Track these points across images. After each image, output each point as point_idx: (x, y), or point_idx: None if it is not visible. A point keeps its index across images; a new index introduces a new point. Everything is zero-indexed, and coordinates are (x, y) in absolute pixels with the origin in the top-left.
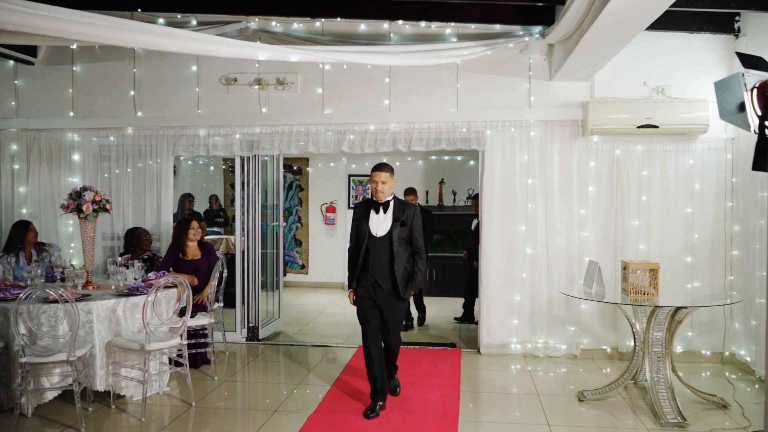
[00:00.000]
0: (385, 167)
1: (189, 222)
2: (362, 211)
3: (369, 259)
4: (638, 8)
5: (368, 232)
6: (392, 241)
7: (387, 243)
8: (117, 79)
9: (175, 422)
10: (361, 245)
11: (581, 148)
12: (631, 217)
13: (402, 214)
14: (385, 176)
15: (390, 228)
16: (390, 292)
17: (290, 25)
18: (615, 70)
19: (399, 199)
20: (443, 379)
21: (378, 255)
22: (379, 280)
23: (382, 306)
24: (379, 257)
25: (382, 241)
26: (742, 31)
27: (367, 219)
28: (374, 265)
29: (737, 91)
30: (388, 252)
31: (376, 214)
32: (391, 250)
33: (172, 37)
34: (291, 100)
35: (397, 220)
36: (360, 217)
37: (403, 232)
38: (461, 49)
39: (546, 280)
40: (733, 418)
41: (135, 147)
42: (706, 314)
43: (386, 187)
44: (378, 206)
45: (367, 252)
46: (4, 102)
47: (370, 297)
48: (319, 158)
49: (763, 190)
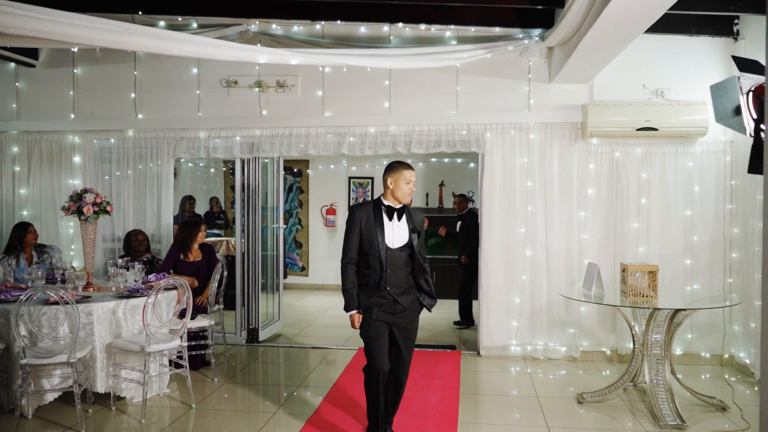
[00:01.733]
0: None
1: (198, 225)
2: (369, 216)
3: (385, 275)
4: (637, 11)
5: (384, 243)
6: (411, 253)
7: (406, 254)
8: (118, 82)
9: (175, 424)
10: (374, 258)
11: (581, 150)
12: (630, 219)
13: (413, 220)
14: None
15: (408, 238)
16: (410, 306)
17: (291, 27)
18: (614, 72)
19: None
20: (443, 381)
21: (397, 269)
22: (398, 298)
23: (399, 330)
24: (398, 272)
25: (398, 253)
26: (741, 34)
27: (381, 228)
28: (393, 281)
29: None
30: (409, 265)
31: (390, 221)
32: (409, 263)
33: (172, 40)
34: (291, 103)
35: (410, 224)
36: (367, 223)
37: (415, 241)
38: (461, 52)
39: (546, 282)
40: (732, 420)
41: (136, 149)
42: (705, 317)
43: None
44: (393, 212)
45: (383, 267)
46: (5, 104)
47: (386, 321)
48: (319, 160)
49: (761, 193)
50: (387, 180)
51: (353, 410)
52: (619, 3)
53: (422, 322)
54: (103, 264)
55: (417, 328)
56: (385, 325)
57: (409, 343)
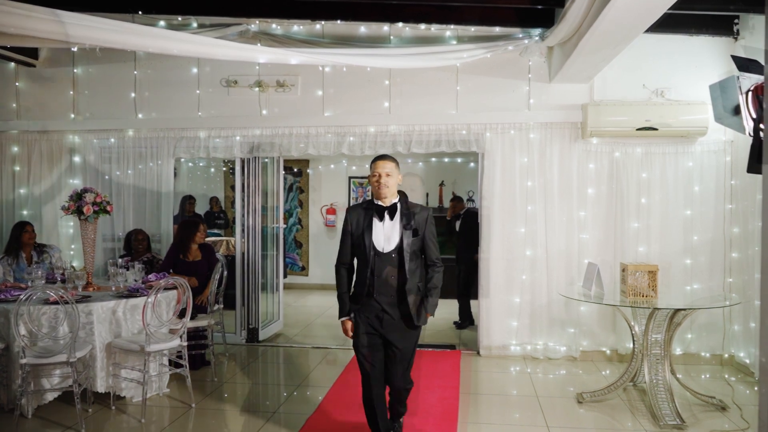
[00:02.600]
0: (388, 157)
1: (197, 225)
2: (360, 218)
3: (374, 281)
4: (637, 10)
5: (372, 246)
6: (403, 256)
7: (397, 259)
8: (118, 81)
9: (174, 423)
10: (362, 263)
11: (581, 150)
12: (630, 219)
13: (412, 219)
14: (390, 167)
15: (400, 240)
16: (401, 320)
17: (291, 27)
18: (614, 72)
19: (406, 200)
20: (442, 381)
21: (385, 275)
22: (387, 307)
23: (392, 339)
24: (386, 278)
25: (390, 258)
26: (741, 34)
27: (370, 230)
28: (380, 288)
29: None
30: (398, 271)
31: (380, 221)
32: (403, 269)
33: (172, 40)
34: (291, 103)
35: (407, 228)
36: (357, 225)
37: (414, 244)
38: (461, 52)
39: (545, 281)
40: (731, 420)
41: (136, 149)
42: (705, 316)
43: (391, 181)
44: (382, 211)
45: (371, 273)
46: (6, 104)
47: (375, 331)
48: (319, 160)
49: (761, 192)
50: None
51: (353, 409)
52: (620, 2)
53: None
54: (103, 264)
55: (412, 345)
56: (376, 335)
57: (404, 352)
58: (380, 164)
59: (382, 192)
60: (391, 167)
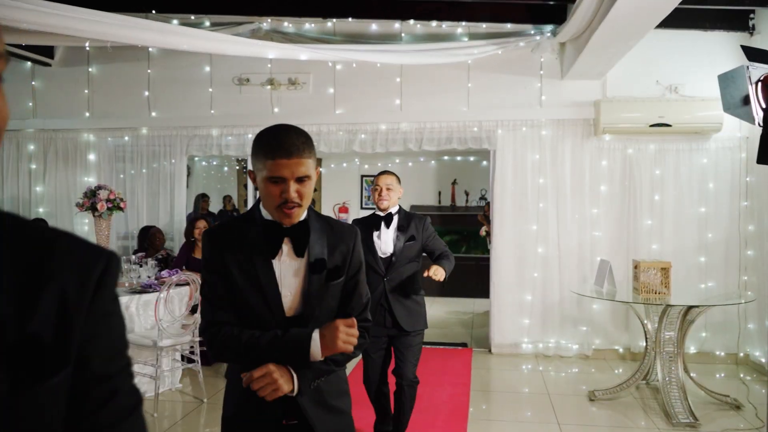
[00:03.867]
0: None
1: (193, 222)
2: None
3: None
4: (648, 4)
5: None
6: (394, 259)
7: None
8: (131, 80)
9: (187, 418)
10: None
11: (593, 147)
12: (643, 216)
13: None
14: (391, 181)
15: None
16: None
17: (302, 25)
18: (627, 68)
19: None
20: (453, 378)
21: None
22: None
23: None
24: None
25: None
26: (757, 29)
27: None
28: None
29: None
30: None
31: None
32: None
33: (182, 35)
34: (303, 100)
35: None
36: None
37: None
38: (472, 48)
39: (557, 279)
40: (746, 418)
41: (149, 147)
42: (719, 314)
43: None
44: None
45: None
46: (22, 103)
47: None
48: (331, 158)
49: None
50: None
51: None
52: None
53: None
54: None
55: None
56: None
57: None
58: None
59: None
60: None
